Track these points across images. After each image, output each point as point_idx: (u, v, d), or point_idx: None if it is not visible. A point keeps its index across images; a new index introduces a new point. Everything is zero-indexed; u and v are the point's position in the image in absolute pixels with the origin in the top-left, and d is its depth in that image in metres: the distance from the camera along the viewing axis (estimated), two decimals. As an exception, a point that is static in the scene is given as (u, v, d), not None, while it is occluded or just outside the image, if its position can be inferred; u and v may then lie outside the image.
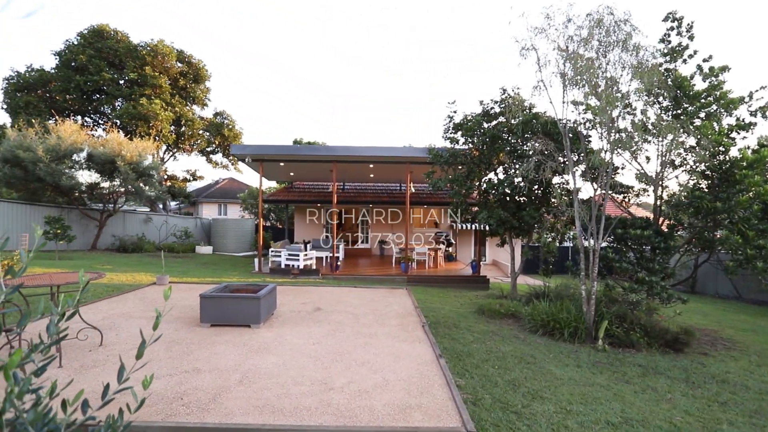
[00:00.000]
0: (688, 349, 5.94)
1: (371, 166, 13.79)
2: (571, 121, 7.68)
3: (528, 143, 8.69)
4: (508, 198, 9.28)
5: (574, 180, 6.53)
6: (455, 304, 8.31)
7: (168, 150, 26.06)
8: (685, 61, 7.42)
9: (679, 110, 7.38)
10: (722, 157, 7.07)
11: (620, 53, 5.93)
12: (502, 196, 9.26)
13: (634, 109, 7.22)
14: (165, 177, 24.57)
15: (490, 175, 10.04)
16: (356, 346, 4.67)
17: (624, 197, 8.16)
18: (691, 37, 7.27)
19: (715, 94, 7.11)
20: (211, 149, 28.32)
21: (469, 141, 9.57)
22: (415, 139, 67.74)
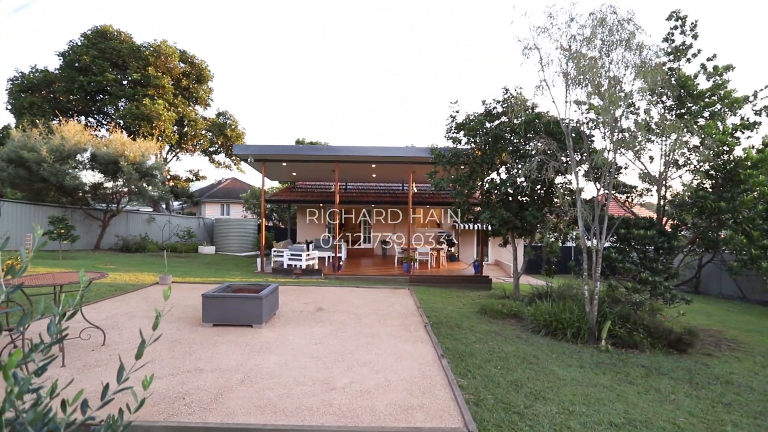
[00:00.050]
0: (691, 349, 5.91)
1: (373, 166, 13.78)
2: (574, 121, 7.66)
3: (530, 143, 8.66)
4: (510, 198, 9.26)
5: (576, 180, 6.51)
6: (457, 304, 8.30)
7: (171, 150, 26.14)
8: (688, 60, 7.38)
9: (683, 109, 7.35)
10: (726, 157, 7.04)
11: (623, 52, 5.90)
12: (505, 196, 9.24)
13: (638, 108, 7.19)
14: (168, 177, 24.63)
15: (493, 175, 10.02)
16: (358, 346, 4.67)
17: (627, 197, 8.13)
18: (695, 36, 7.23)
19: (719, 93, 7.08)
20: (214, 149, 28.37)
21: (472, 141, 9.55)
22: (416, 139, 67.82)
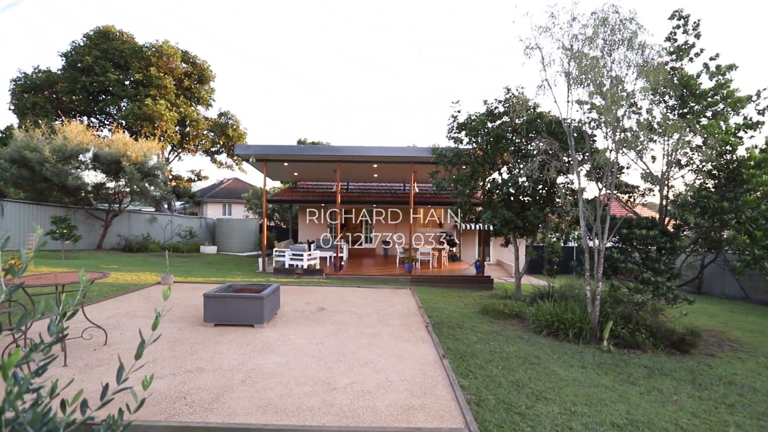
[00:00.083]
0: (694, 350, 5.88)
1: (375, 166, 13.78)
2: (576, 121, 7.63)
3: (532, 143, 8.64)
4: (512, 198, 9.24)
5: (578, 180, 6.49)
6: (459, 305, 8.29)
7: (173, 150, 26.19)
8: (691, 60, 7.35)
9: (686, 109, 7.32)
10: (729, 157, 7.01)
11: (625, 52, 5.88)
12: (507, 196, 9.22)
13: (640, 108, 7.17)
14: (170, 177, 24.68)
15: (494, 175, 10.01)
16: (359, 346, 4.67)
17: (629, 197, 8.10)
18: (698, 35, 7.20)
19: (722, 92, 7.05)
20: (216, 149, 28.43)
21: (473, 141, 9.54)
22: (416, 139, 67.89)
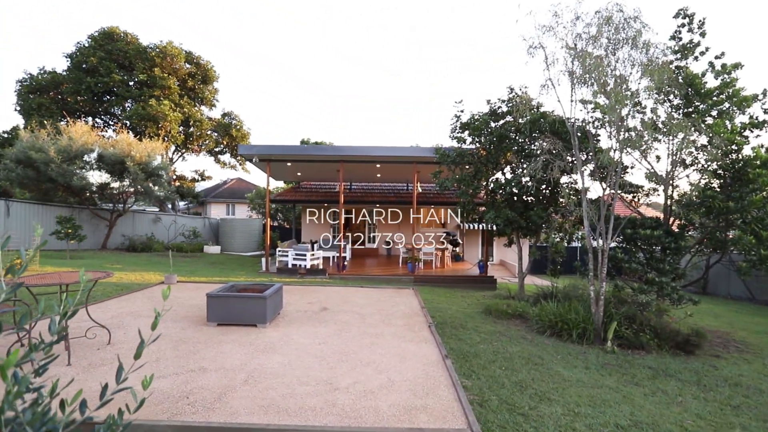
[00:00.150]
0: (699, 351, 5.84)
1: (378, 166, 13.78)
2: (580, 120, 7.59)
3: (536, 142, 8.61)
4: (515, 198, 9.21)
5: (582, 179, 6.46)
6: (462, 305, 8.27)
7: (177, 150, 26.32)
8: (696, 59, 7.29)
9: (691, 108, 7.27)
10: (735, 156, 6.95)
11: (630, 51, 5.85)
12: (510, 196, 9.19)
13: (644, 107, 7.12)
14: (174, 177, 24.84)
15: (498, 175, 9.98)
16: (362, 347, 4.67)
17: (633, 197, 8.05)
18: (703, 34, 7.14)
19: (728, 91, 6.99)
20: (219, 149, 28.55)
21: (477, 140, 9.52)
22: (416, 139, 67.75)
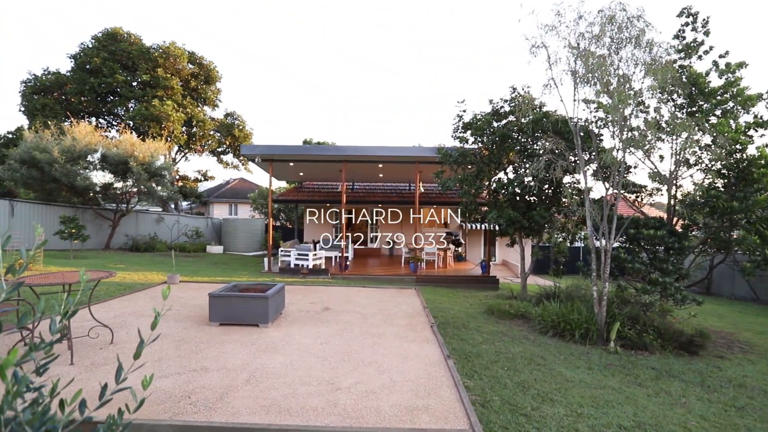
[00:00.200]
0: (703, 351, 5.80)
1: (380, 166, 13.78)
2: (583, 120, 7.57)
3: (538, 142, 8.58)
4: (518, 197, 9.19)
5: (585, 179, 6.43)
6: (464, 305, 8.25)
7: (179, 150, 26.42)
8: (700, 58, 7.25)
9: (694, 107, 7.23)
10: (739, 156, 6.90)
11: (633, 50, 5.81)
12: (512, 196, 9.17)
13: (648, 106, 7.09)
14: (177, 177, 24.89)
15: (500, 175, 9.96)
16: (364, 347, 4.66)
17: (636, 197, 8.02)
18: (707, 33, 7.10)
19: (732, 90, 6.95)
20: (222, 150, 28.64)
21: (479, 140, 9.50)
22: (416, 139, 67.69)
